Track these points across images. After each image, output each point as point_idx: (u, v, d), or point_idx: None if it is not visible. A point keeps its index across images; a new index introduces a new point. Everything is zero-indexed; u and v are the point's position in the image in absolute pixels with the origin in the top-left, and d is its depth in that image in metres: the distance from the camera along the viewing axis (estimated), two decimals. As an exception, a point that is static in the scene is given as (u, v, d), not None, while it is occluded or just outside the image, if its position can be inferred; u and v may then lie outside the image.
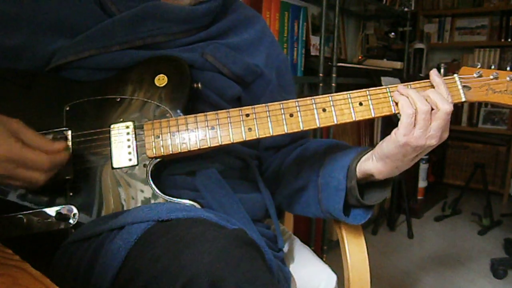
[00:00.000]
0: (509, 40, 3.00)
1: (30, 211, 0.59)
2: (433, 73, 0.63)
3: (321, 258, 0.85)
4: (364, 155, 0.68)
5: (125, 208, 0.61)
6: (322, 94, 0.64)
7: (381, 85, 0.64)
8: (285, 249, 0.81)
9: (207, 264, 0.43)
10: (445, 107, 0.58)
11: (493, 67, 0.66)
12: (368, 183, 0.71)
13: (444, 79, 0.64)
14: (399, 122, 0.60)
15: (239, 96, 0.74)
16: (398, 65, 2.49)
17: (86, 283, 0.51)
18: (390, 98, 0.63)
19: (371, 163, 0.66)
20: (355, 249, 0.76)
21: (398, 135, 0.60)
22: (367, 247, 0.76)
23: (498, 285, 1.85)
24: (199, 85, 0.65)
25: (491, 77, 0.64)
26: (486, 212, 2.53)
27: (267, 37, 0.81)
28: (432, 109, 0.59)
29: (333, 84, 1.83)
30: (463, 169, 3.21)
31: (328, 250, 1.98)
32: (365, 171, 0.67)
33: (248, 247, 0.48)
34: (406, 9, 2.50)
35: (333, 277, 0.83)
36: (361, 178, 0.68)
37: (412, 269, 1.98)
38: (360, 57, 2.53)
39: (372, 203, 0.69)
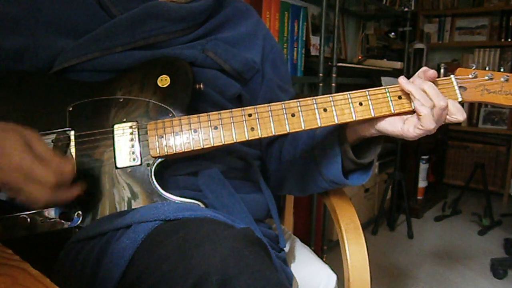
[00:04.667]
0: (509, 40, 3.00)
1: (34, 211, 0.59)
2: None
3: (321, 258, 0.86)
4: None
5: (128, 208, 0.61)
6: (322, 94, 0.65)
7: (381, 85, 0.65)
8: (286, 249, 0.81)
9: (218, 263, 0.43)
10: (441, 104, 0.60)
11: (487, 68, 0.68)
12: (360, 146, 0.72)
13: (441, 79, 0.65)
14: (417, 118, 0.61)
15: (240, 94, 0.75)
16: (398, 65, 2.49)
17: (91, 282, 0.51)
18: (389, 98, 0.64)
19: (361, 125, 0.67)
20: (355, 249, 0.76)
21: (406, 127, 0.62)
22: (367, 247, 0.76)
23: (498, 285, 1.85)
24: (201, 85, 0.66)
25: (486, 78, 0.66)
26: (486, 212, 2.53)
27: (261, 30, 0.82)
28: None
29: (333, 84, 1.84)
30: (463, 169, 3.21)
31: (328, 250, 1.98)
32: (356, 132, 0.68)
33: (256, 247, 0.48)
34: (406, 9, 2.50)
35: (333, 277, 0.83)
36: (354, 140, 0.70)
37: (412, 269, 1.98)
38: (360, 57, 2.53)
39: (367, 161, 0.71)
